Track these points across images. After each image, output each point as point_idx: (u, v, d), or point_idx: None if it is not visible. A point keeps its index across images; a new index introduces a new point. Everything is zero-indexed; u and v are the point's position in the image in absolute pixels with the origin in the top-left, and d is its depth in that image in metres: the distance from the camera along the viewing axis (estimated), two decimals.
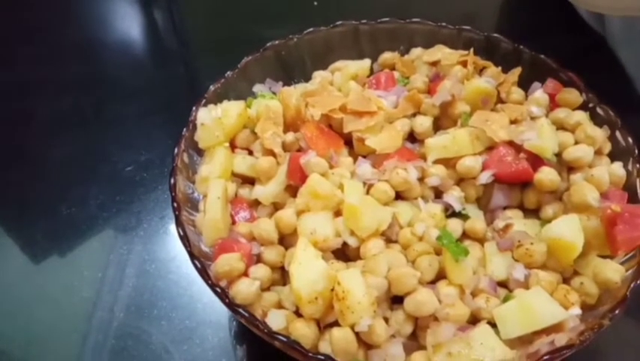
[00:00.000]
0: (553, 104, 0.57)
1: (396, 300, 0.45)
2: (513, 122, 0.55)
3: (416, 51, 0.64)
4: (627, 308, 0.42)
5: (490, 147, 0.53)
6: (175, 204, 0.47)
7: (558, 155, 0.52)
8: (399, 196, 0.51)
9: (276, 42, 0.62)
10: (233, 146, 0.56)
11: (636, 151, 0.52)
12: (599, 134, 0.52)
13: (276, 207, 0.52)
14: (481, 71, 0.60)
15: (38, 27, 0.95)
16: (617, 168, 0.51)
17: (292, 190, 0.52)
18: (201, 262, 0.44)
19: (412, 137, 0.56)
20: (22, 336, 0.57)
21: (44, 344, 0.56)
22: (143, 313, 0.58)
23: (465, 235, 0.49)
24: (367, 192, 0.50)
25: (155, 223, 0.66)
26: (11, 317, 0.58)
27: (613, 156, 0.53)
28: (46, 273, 0.62)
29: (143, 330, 0.57)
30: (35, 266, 0.63)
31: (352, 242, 0.47)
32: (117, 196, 0.69)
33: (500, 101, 0.58)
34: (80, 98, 0.82)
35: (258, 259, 0.48)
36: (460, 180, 0.52)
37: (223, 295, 0.42)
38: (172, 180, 0.49)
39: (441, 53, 0.61)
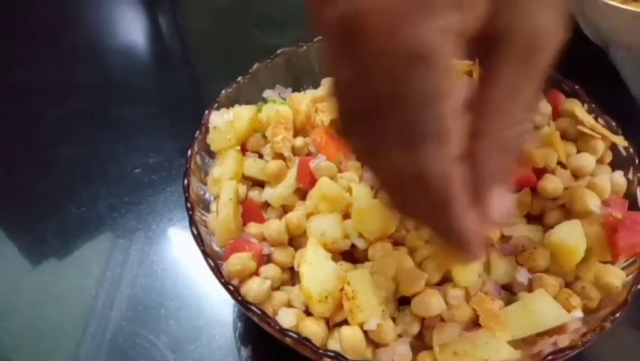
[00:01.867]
0: (556, 113, 0.58)
1: (403, 301, 0.46)
2: None
3: None
4: (628, 312, 0.43)
5: None
6: (189, 205, 0.48)
7: (561, 163, 0.53)
8: None
9: (287, 49, 0.63)
10: (244, 149, 0.57)
11: (637, 160, 0.53)
12: (600, 143, 0.54)
13: (285, 209, 0.53)
14: None
15: (48, 29, 0.96)
16: (618, 176, 0.53)
17: (301, 193, 0.53)
18: (214, 260, 0.45)
19: None
20: (31, 333, 0.58)
21: (53, 341, 0.57)
22: (151, 313, 0.59)
23: None
24: (375, 196, 0.51)
25: (164, 225, 0.67)
26: (21, 315, 0.59)
27: (614, 165, 0.55)
28: (55, 272, 0.63)
29: (151, 329, 0.57)
30: (45, 265, 0.64)
31: (360, 244, 0.48)
32: (126, 197, 0.70)
33: None
34: (88, 99, 0.83)
35: (268, 259, 0.50)
36: None
37: (235, 293, 0.43)
38: (185, 181, 0.50)
39: None
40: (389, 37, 0.23)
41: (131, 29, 1.02)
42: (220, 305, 0.59)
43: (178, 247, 0.65)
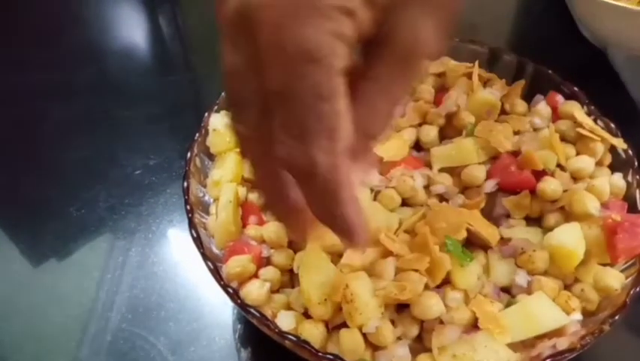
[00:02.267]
0: (556, 116, 0.58)
1: (402, 304, 0.46)
2: (516, 133, 0.56)
3: None
4: (627, 315, 0.43)
5: (494, 157, 0.54)
6: (188, 207, 0.49)
7: (561, 166, 0.53)
8: (405, 203, 0.52)
9: None
10: None
11: (636, 163, 0.53)
12: (600, 146, 0.54)
13: None
14: (485, 83, 0.61)
15: (48, 32, 0.97)
16: (618, 179, 0.53)
17: None
18: (213, 263, 0.45)
19: (418, 146, 0.57)
20: (32, 335, 0.58)
21: (53, 343, 0.57)
22: (151, 315, 0.59)
23: (469, 242, 0.50)
24: (374, 199, 0.51)
25: (164, 226, 0.67)
26: (21, 316, 0.59)
27: (613, 168, 0.55)
28: (55, 273, 0.63)
29: (151, 331, 0.57)
30: (45, 266, 0.64)
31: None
32: (126, 199, 0.70)
33: (504, 112, 0.59)
34: (89, 102, 0.83)
35: (268, 261, 0.50)
36: (465, 189, 0.54)
37: (235, 295, 0.44)
38: (185, 184, 0.50)
39: (446, 65, 0.62)
40: (281, 33, 0.25)
41: (134, 34, 1.02)
42: (220, 307, 0.59)
43: (178, 248, 0.65)
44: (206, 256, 0.45)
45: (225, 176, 0.53)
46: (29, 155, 0.75)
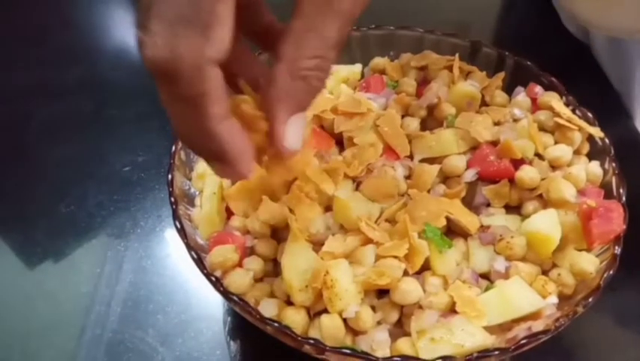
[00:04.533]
0: (535, 106, 0.59)
1: (383, 290, 0.47)
2: (496, 123, 0.57)
3: (405, 56, 0.66)
4: (601, 298, 0.44)
5: (474, 147, 0.55)
6: (172, 199, 0.49)
7: (539, 155, 0.54)
8: None
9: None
10: None
11: (612, 151, 0.54)
12: (578, 135, 0.55)
13: None
14: (466, 76, 0.62)
15: (38, 32, 0.97)
16: (594, 166, 0.54)
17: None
18: (197, 253, 0.46)
19: None
20: (22, 330, 0.58)
21: (44, 337, 0.58)
22: (139, 308, 0.59)
23: (449, 230, 0.51)
24: (356, 189, 0.52)
25: (152, 222, 0.67)
26: (11, 312, 0.60)
27: (591, 156, 0.56)
28: (46, 269, 0.64)
29: (140, 324, 0.58)
30: (35, 263, 0.64)
31: (341, 235, 0.49)
32: (115, 196, 0.70)
33: (484, 103, 0.60)
34: (79, 101, 0.84)
35: (252, 251, 0.50)
36: (446, 178, 0.55)
37: (217, 283, 0.44)
38: (169, 176, 0.51)
39: (428, 58, 0.63)
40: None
41: (123, 32, 1.02)
42: (208, 300, 0.59)
43: (166, 243, 0.66)
44: (189, 245, 0.46)
45: (209, 168, 0.54)
46: (18, 154, 0.76)
